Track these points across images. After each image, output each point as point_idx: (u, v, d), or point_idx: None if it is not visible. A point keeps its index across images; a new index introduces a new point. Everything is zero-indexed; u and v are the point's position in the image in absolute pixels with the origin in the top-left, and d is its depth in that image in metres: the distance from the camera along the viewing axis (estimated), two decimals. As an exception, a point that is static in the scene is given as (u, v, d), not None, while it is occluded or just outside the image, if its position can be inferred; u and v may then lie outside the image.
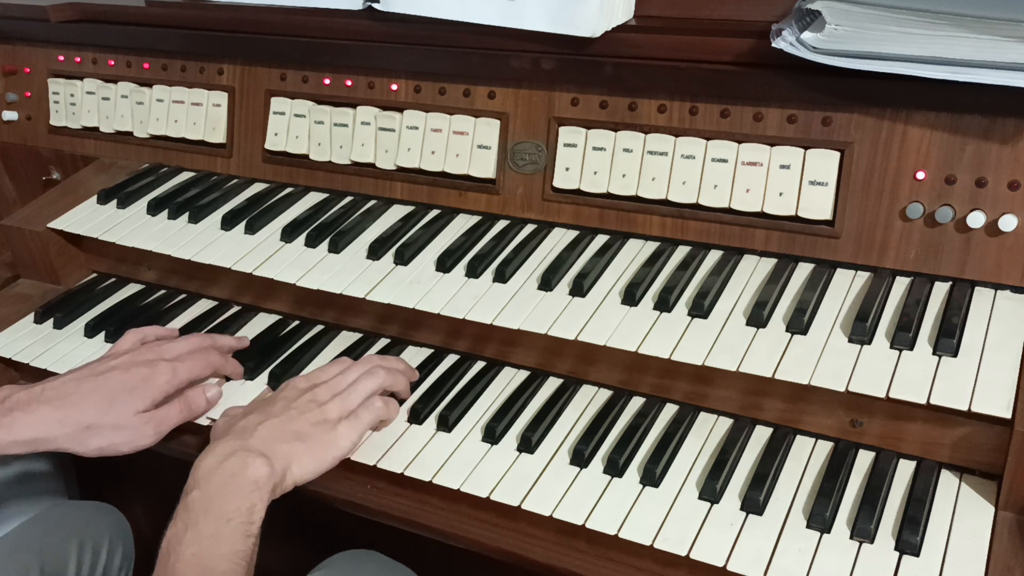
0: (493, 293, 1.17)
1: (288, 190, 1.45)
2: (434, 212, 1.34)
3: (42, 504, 1.34)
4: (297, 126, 1.44)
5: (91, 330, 1.34)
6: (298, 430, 1.00)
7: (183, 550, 0.88)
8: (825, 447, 1.03)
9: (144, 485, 1.72)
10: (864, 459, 1.01)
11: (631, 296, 1.11)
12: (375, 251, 1.26)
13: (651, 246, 1.21)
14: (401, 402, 1.14)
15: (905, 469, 0.99)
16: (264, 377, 1.21)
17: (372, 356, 1.15)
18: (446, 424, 1.10)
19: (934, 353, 0.98)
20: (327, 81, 1.41)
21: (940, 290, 1.06)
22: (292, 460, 0.98)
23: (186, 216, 1.40)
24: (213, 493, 0.92)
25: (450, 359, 1.23)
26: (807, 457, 1.02)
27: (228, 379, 1.21)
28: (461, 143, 1.31)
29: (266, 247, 1.32)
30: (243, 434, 0.98)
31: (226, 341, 1.24)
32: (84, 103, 1.61)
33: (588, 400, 1.13)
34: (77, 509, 1.33)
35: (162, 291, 1.44)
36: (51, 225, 1.45)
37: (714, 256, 1.18)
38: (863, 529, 0.91)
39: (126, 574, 1.34)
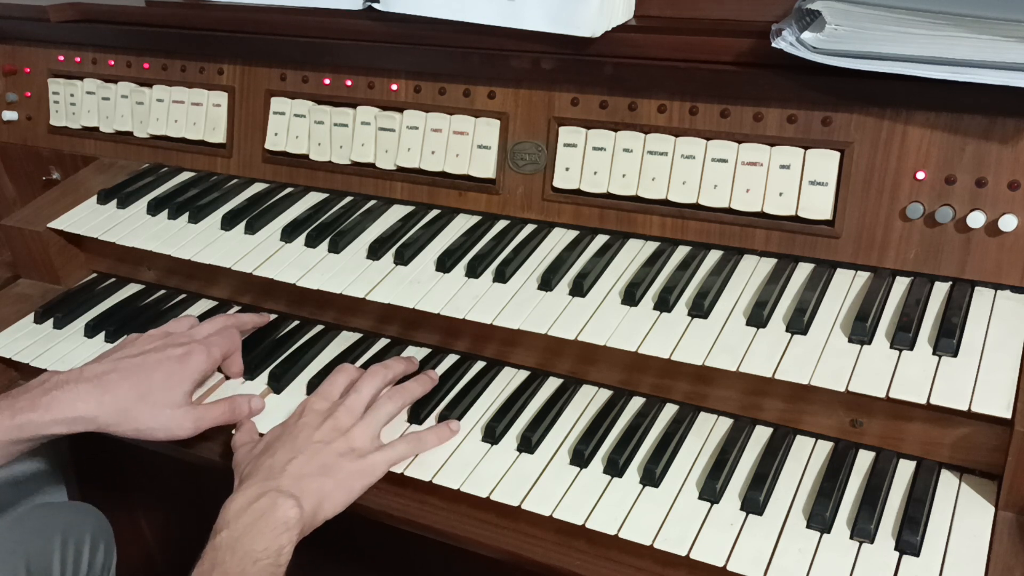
0: (493, 293, 1.17)
1: (288, 190, 1.45)
2: (434, 212, 1.34)
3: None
4: (297, 126, 1.44)
5: (91, 330, 1.34)
6: (326, 463, 1.00)
7: None
8: (825, 447, 1.03)
9: (146, 486, 1.73)
10: (864, 459, 1.01)
11: (631, 296, 1.11)
12: (375, 251, 1.26)
13: (651, 246, 1.21)
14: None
15: (905, 469, 0.99)
16: (264, 377, 1.21)
17: (376, 367, 1.13)
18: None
19: (934, 353, 0.98)
20: (327, 81, 1.41)
21: (940, 290, 1.06)
22: (323, 497, 0.97)
23: (186, 216, 1.40)
24: (241, 533, 0.91)
25: (450, 359, 1.23)
26: (807, 457, 1.02)
27: (227, 378, 1.22)
28: (461, 143, 1.31)
29: (266, 247, 1.32)
30: (272, 474, 0.97)
31: (248, 319, 1.27)
32: (84, 103, 1.61)
33: (588, 400, 1.13)
34: (58, 510, 1.34)
35: (162, 291, 1.44)
36: (51, 225, 1.45)
37: (714, 256, 1.18)
38: (863, 529, 0.91)
39: (108, 570, 1.34)
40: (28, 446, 1.05)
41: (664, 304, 1.09)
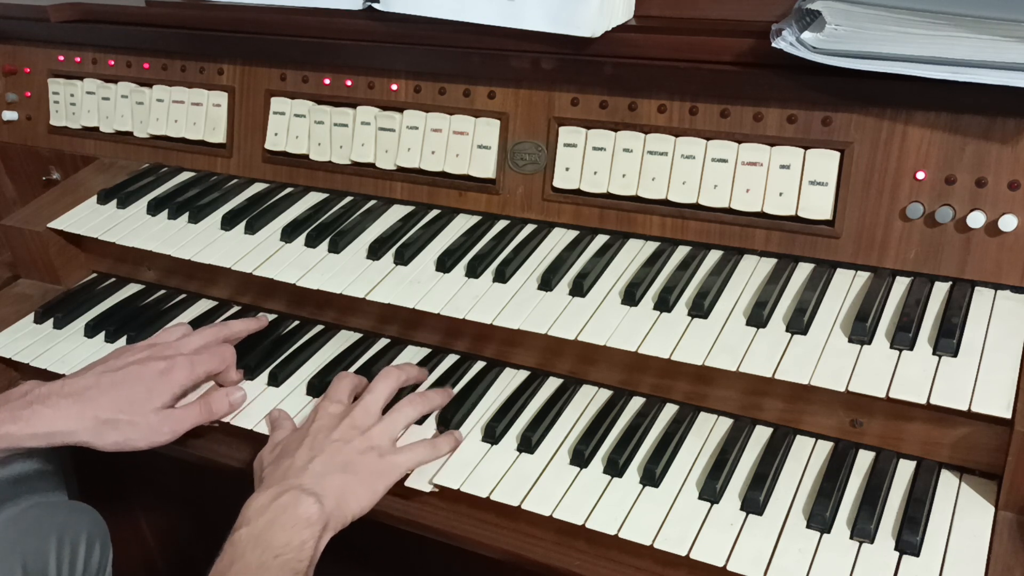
0: (493, 293, 1.17)
1: (288, 190, 1.45)
2: (434, 212, 1.34)
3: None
4: (297, 126, 1.44)
5: (91, 330, 1.34)
6: (347, 461, 1.00)
7: None
8: (825, 447, 1.03)
9: (145, 486, 1.72)
10: (864, 459, 1.01)
11: (631, 296, 1.11)
12: (375, 251, 1.26)
13: (651, 246, 1.21)
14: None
15: (905, 469, 0.99)
16: (264, 377, 1.21)
17: (391, 369, 1.14)
18: (446, 425, 1.10)
19: (934, 353, 0.98)
20: (327, 81, 1.41)
21: (940, 290, 1.06)
22: (345, 493, 0.97)
23: (186, 216, 1.40)
24: (262, 529, 0.91)
25: (450, 359, 1.23)
26: (807, 457, 1.02)
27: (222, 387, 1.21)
28: (461, 143, 1.31)
29: (266, 247, 1.32)
30: (292, 473, 0.98)
31: (240, 326, 1.25)
32: (84, 103, 1.61)
33: (588, 400, 1.13)
34: (54, 509, 1.34)
35: (162, 291, 1.44)
36: (51, 225, 1.45)
37: (714, 256, 1.18)
38: (863, 529, 0.91)
39: (104, 569, 1.34)
40: (2, 454, 1.06)
41: (664, 304, 1.09)
